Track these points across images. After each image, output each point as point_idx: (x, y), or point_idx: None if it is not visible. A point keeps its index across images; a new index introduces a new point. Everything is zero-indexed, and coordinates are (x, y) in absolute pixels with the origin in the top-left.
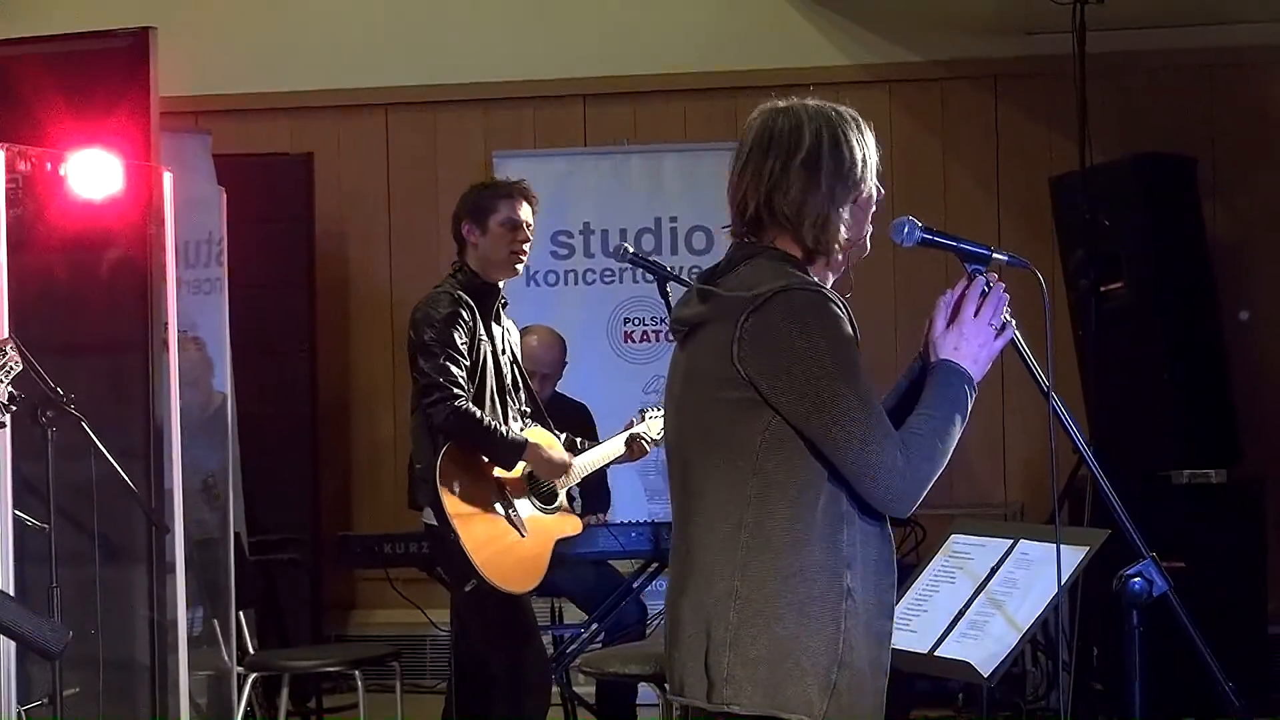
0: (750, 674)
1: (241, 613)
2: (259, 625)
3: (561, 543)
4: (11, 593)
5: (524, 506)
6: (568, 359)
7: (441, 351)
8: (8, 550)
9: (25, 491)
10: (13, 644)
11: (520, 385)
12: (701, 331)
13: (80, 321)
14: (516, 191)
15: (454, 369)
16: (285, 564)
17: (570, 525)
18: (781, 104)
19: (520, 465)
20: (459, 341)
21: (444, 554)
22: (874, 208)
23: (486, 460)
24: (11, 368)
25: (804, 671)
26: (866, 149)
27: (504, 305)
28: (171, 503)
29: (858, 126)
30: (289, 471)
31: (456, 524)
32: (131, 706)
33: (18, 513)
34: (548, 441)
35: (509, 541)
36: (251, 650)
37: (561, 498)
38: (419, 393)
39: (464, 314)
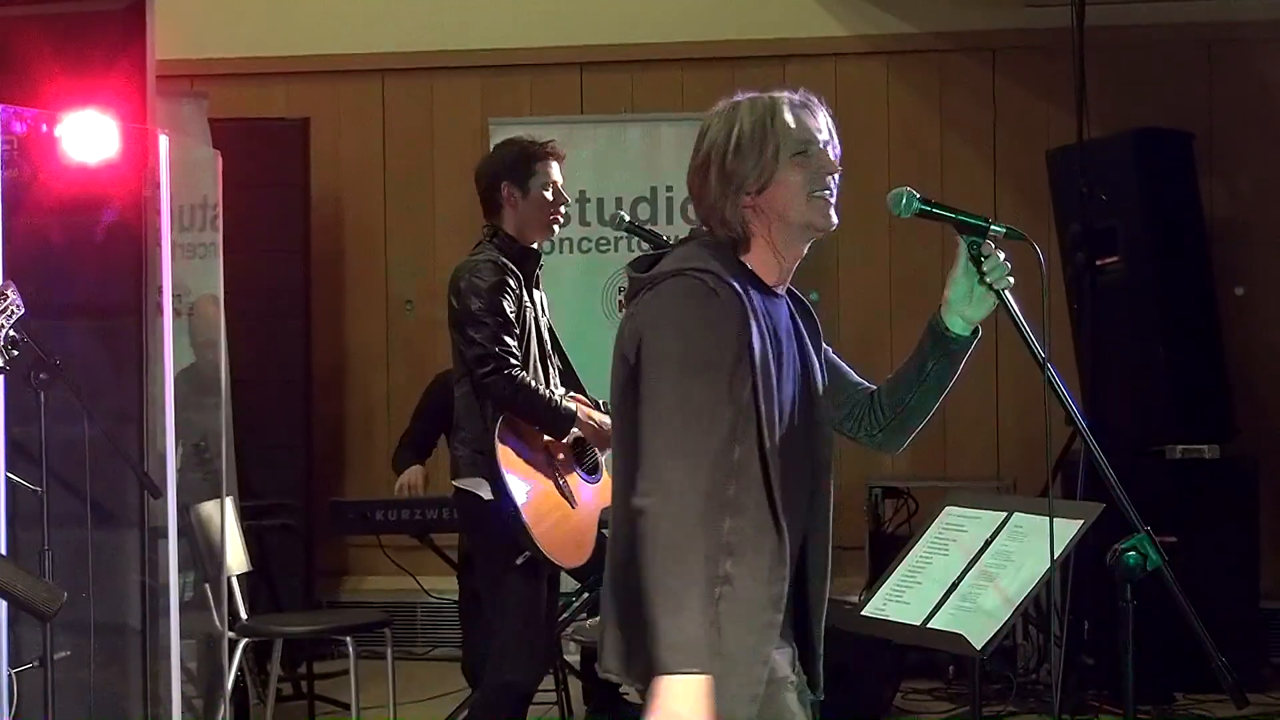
0: (624, 646)
1: (233, 578)
2: (250, 591)
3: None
4: (4, 554)
5: (571, 477)
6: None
7: (492, 320)
8: (0, 512)
9: (18, 454)
10: (4, 606)
11: (557, 351)
12: (625, 310)
13: (74, 284)
14: (554, 152)
15: (508, 338)
16: (277, 529)
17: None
18: (726, 102)
19: (570, 434)
20: (508, 310)
21: (483, 525)
22: (818, 183)
23: (538, 430)
24: (13, 311)
25: None
26: (779, 131)
27: (541, 268)
28: (164, 467)
29: (772, 111)
30: (282, 437)
31: (518, 496)
32: (122, 670)
33: (11, 475)
34: (585, 408)
35: (563, 513)
36: (243, 616)
37: (604, 466)
38: (472, 363)
39: (510, 281)
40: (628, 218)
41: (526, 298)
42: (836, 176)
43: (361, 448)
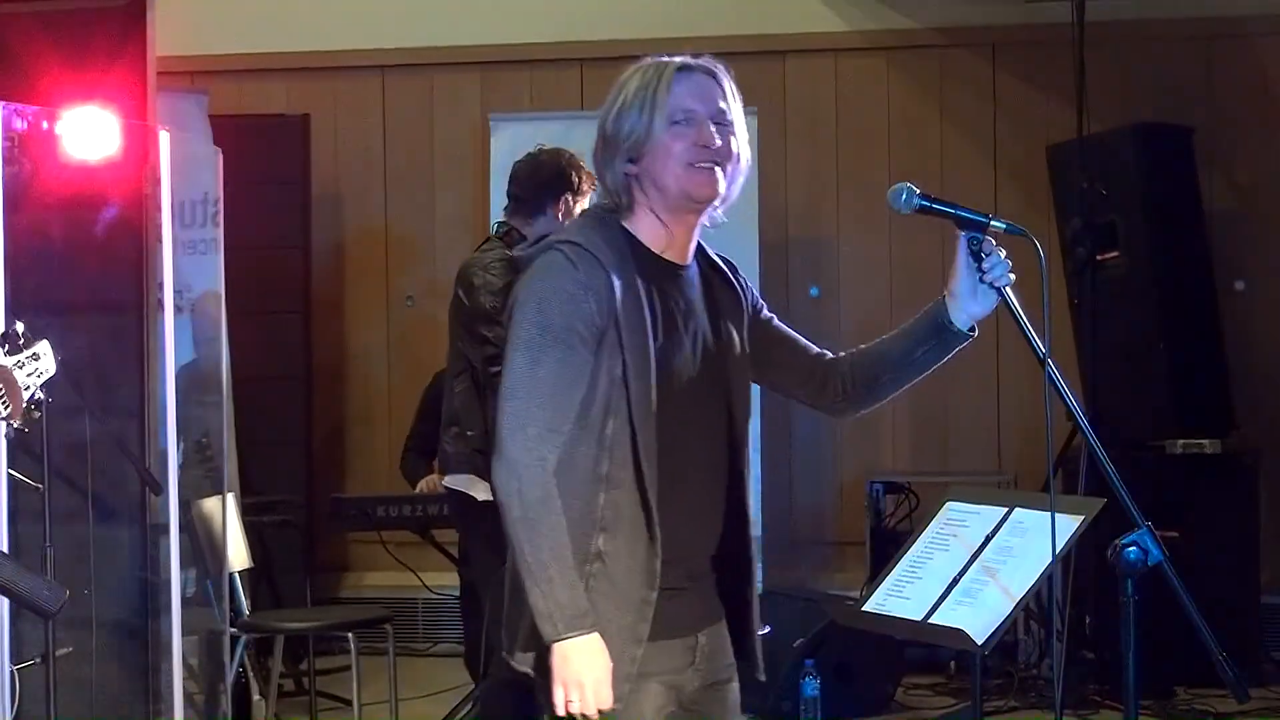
0: (512, 623)
1: (235, 574)
2: (252, 587)
3: None
4: (6, 551)
5: None
6: None
7: (504, 320)
8: (1, 509)
9: (19, 450)
10: (6, 603)
11: None
12: None
13: (75, 281)
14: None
15: None
16: (278, 525)
17: None
18: None
19: None
20: None
21: (477, 523)
22: (694, 154)
23: None
24: (44, 371)
25: None
26: (657, 101)
27: None
28: (165, 463)
29: (658, 79)
30: (283, 433)
31: None
32: (124, 666)
33: (12, 471)
34: None
35: None
36: (244, 612)
37: None
38: (484, 361)
39: None
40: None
41: None
42: (722, 149)
43: (362, 444)
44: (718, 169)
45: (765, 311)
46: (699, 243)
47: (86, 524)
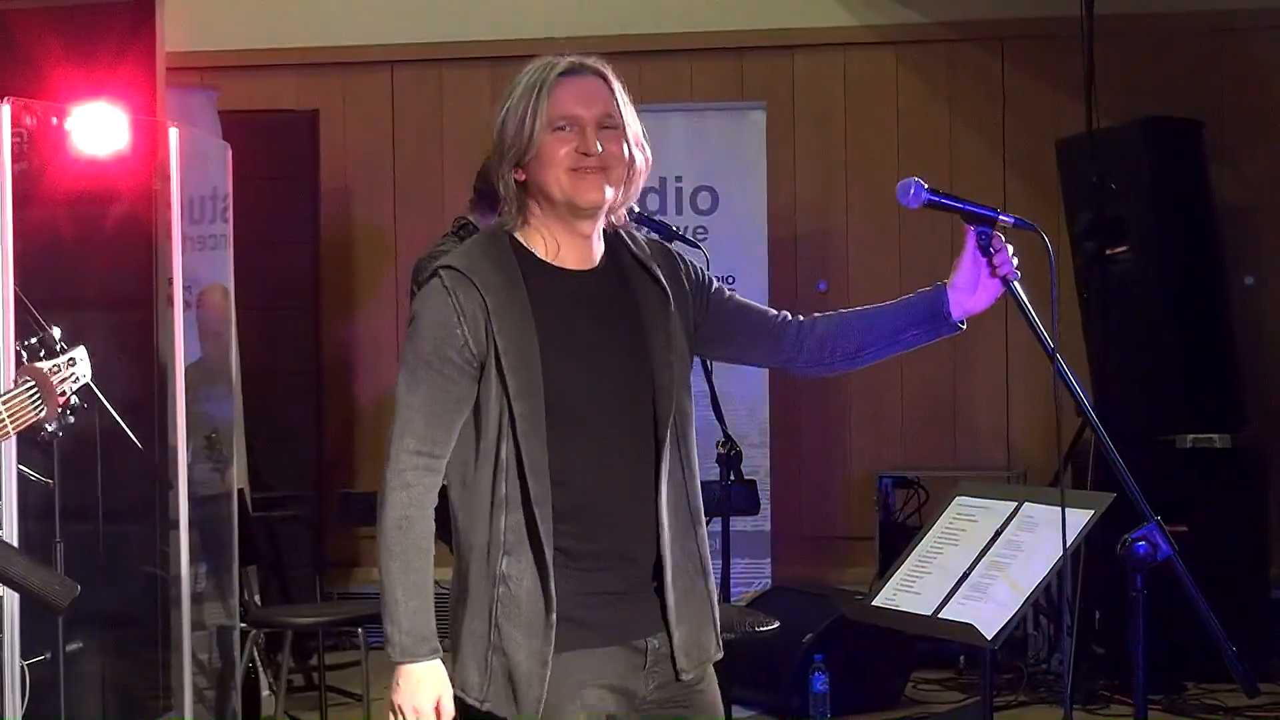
0: (451, 646)
1: (244, 569)
2: (261, 582)
3: None
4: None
5: None
6: None
7: None
8: (12, 504)
9: (29, 446)
10: (17, 599)
11: None
12: None
13: (85, 276)
14: None
15: None
16: (288, 520)
17: None
18: None
19: None
20: None
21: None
22: (574, 159)
23: None
24: (79, 376)
25: (466, 654)
26: (535, 106)
27: None
28: (175, 459)
29: (541, 83)
30: (292, 428)
31: None
32: (134, 662)
33: (22, 467)
34: None
35: None
36: (254, 606)
37: None
38: None
39: None
40: (636, 208)
41: None
42: (606, 154)
43: (372, 438)
44: (603, 175)
45: (716, 288)
46: (624, 236)
47: (96, 520)
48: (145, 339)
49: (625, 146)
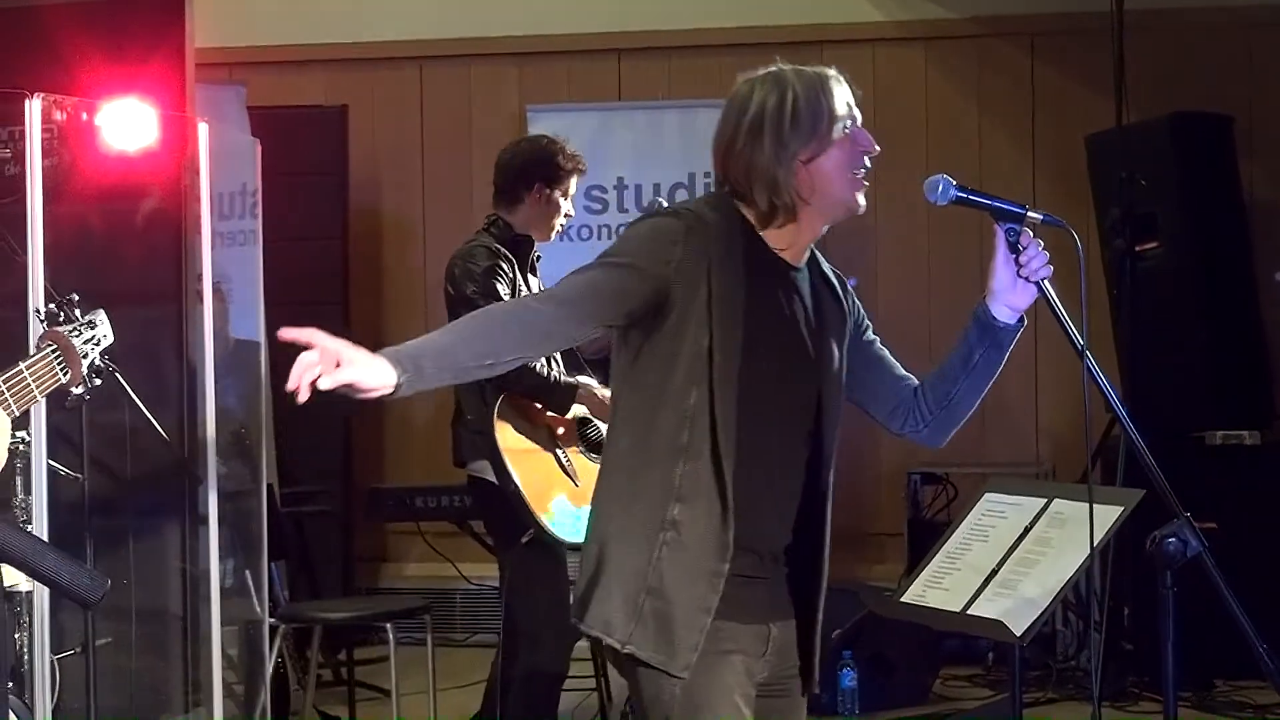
0: (583, 589)
1: (273, 564)
2: (290, 577)
3: None
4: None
5: (574, 454)
6: None
7: (485, 303)
8: (42, 499)
9: (59, 441)
10: (47, 594)
11: None
12: None
13: (115, 272)
14: (581, 168)
15: None
16: (317, 516)
17: None
18: (756, 73)
19: (572, 410)
20: (502, 292)
21: (494, 507)
22: (858, 163)
23: (539, 408)
24: (100, 339)
25: (611, 593)
26: (831, 104)
27: (538, 259)
28: (205, 454)
29: (822, 83)
30: (321, 424)
31: (518, 475)
32: (163, 657)
33: (52, 462)
34: (597, 387)
35: (566, 490)
36: (283, 602)
37: None
38: None
39: (503, 265)
40: (665, 204)
41: (522, 283)
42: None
43: (400, 434)
44: (866, 180)
45: (869, 333)
46: (814, 253)
47: (126, 515)
48: (175, 334)
49: None
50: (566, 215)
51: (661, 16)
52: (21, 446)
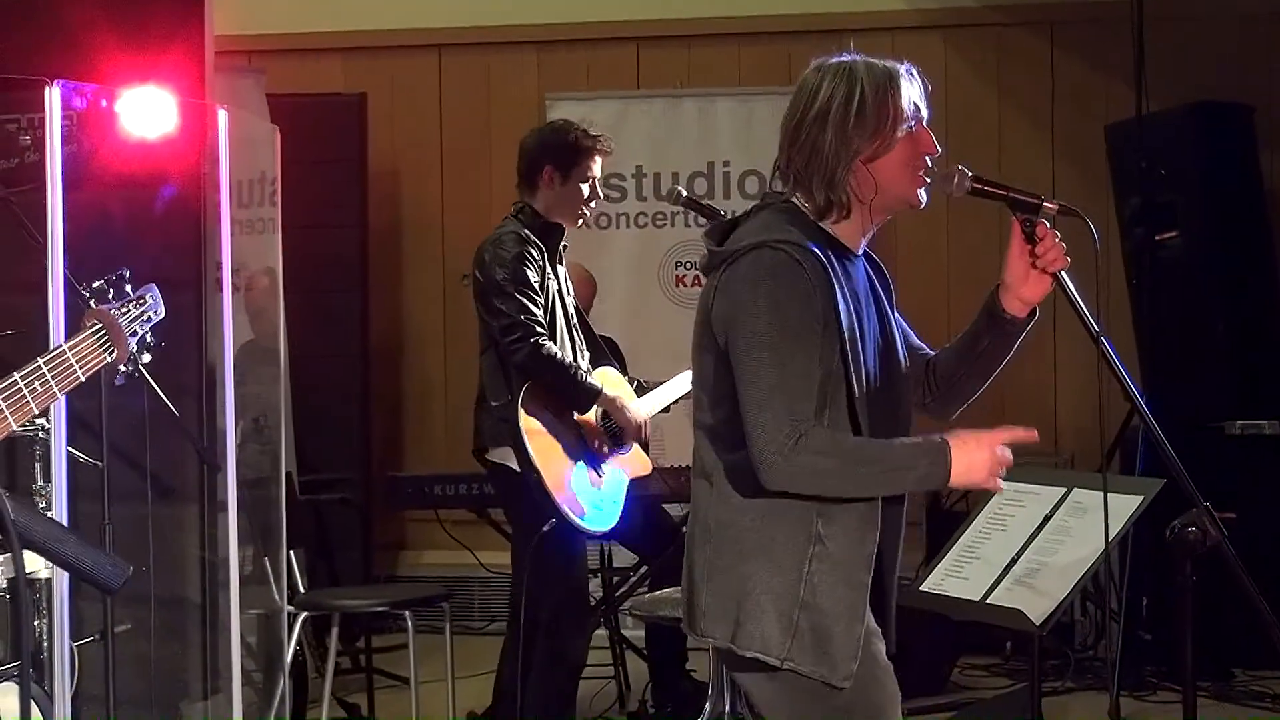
0: (720, 607)
1: (292, 552)
2: (309, 565)
3: (633, 483)
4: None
5: (597, 445)
6: (596, 298)
7: (517, 289)
8: (62, 486)
9: (79, 428)
10: (66, 580)
11: (583, 325)
12: (705, 281)
13: (134, 260)
14: (604, 149)
15: (533, 307)
16: (336, 504)
17: (641, 465)
18: (829, 60)
19: (595, 411)
20: (533, 279)
21: (515, 495)
22: (920, 162)
23: (561, 401)
24: (151, 316)
25: (764, 610)
26: (898, 104)
27: (564, 248)
28: (224, 441)
29: (891, 81)
30: (340, 411)
31: (539, 462)
32: (182, 644)
33: (71, 449)
34: (620, 386)
35: (588, 481)
36: (302, 590)
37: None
38: (499, 333)
39: (532, 252)
40: (684, 192)
41: (550, 271)
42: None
43: (419, 422)
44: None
45: (896, 305)
46: None
47: (145, 502)
48: (194, 322)
49: None
50: (594, 201)
51: (680, 5)
52: (41, 434)
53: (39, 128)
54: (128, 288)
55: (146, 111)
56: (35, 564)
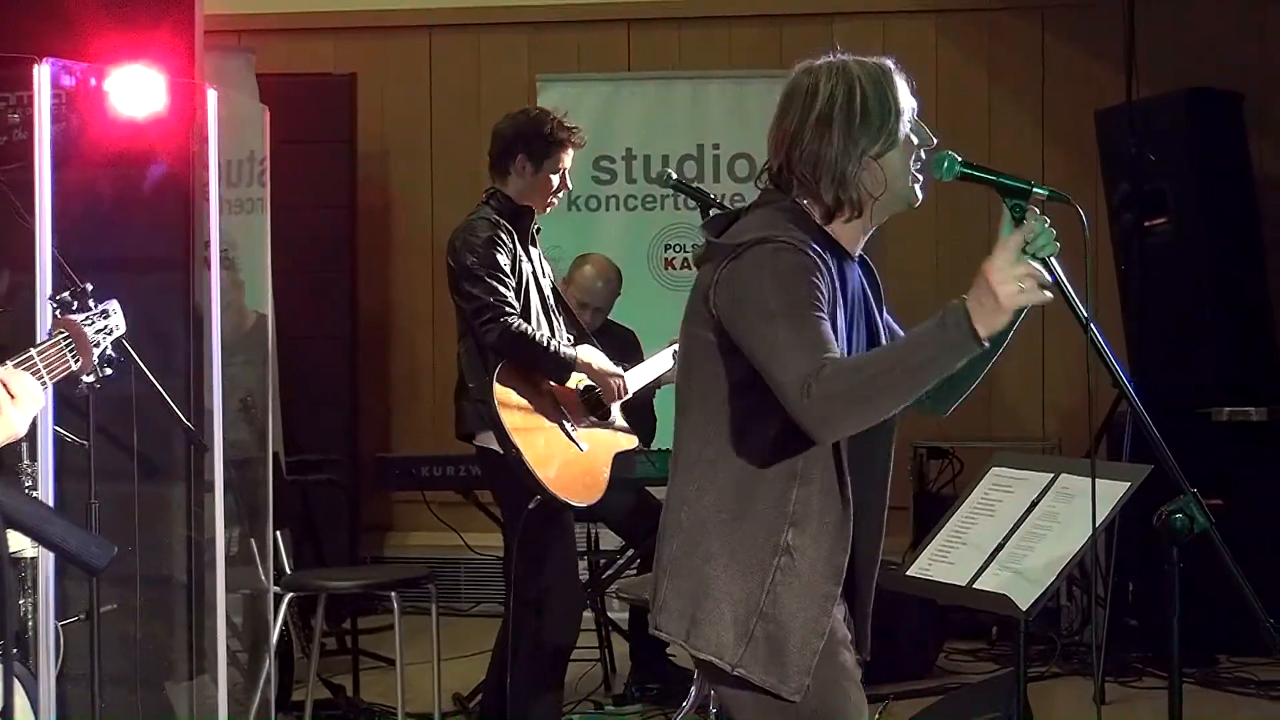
0: (679, 605)
1: (278, 532)
2: (295, 545)
3: (620, 466)
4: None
5: (578, 419)
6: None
7: (487, 273)
8: (48, 466)
9: (65, 407)
10: (52, 560)
11: (561, 307)
12: (699, 271)
13: (122, 238)
14: (577, 142)
15: (502, 289)
16: (322, 484)
17: (626, 440)
18: (816, 61)
19: (575, 379)
20: (503, 263)
21: (501, 476)
22: (915, 159)
23: (541, 376)
24: (113, 329)
25: (721, 614)
26: (897, 97)
27: (538, 231)
28: (211, 421)
29: (886, 79)
30: (328, 392)
31: (518, 440)
32: (168, 624)
33: (58, 429)
34: (597, 357)
35: (570, 456)
36: (288, 570)
37: (615, 413)
38: (470, 316)
39: (503, 236)
40: (675, 175)
41: (521, 253)
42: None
43: (407, 403)
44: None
45: (885, 303)
46: None
47: (131, 482)
48: (182, 301)
49: None
50: (562, 192)
51: None
52: None
53: (28, 106)
54: (90, 301)
55: (136, 90)
56: (21, 543)
